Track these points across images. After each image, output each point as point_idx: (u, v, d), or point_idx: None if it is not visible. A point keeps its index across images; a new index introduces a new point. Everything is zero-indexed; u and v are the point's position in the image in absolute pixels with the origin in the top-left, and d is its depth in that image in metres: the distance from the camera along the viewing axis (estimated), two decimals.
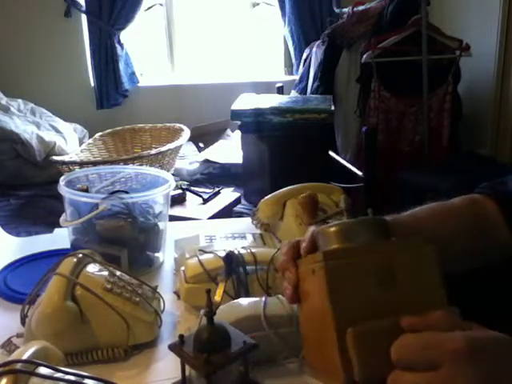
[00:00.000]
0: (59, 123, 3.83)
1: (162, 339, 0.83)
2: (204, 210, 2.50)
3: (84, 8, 4.19)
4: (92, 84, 4.37)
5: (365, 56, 2.85)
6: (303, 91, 3.56)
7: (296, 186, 1.20)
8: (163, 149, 3.22)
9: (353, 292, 0.53)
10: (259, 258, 0.91)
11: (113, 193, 1.07)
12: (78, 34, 4.30)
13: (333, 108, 2.86)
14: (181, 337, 0.63)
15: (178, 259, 1.01)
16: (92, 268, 0.83)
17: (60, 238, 1.11)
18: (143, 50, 4.59)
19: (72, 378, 0.55)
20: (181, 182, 2.82)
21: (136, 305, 0.80)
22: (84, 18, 4.25)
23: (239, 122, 2.91)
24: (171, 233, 1.13)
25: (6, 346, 0.79)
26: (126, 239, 1.02)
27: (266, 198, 1.19)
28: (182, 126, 3.69)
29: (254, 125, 2.83)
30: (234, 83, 4.29)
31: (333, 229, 0.58)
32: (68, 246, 1.05)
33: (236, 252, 0.91)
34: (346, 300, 0.52)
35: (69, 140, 3.73)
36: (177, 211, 2.39)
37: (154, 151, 3.19)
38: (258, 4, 4.59)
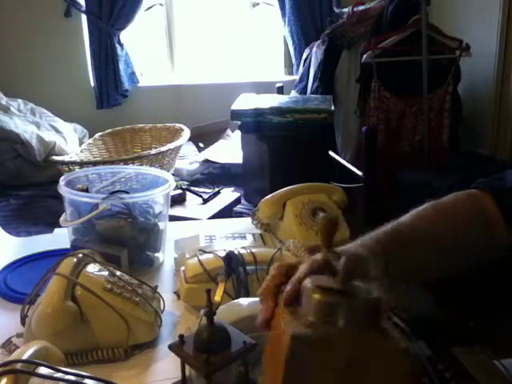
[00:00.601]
0: (59, 123, 3.83)
1: (161, 339, 0.83)
2: (204, 210, 2.50)
3: (84, 8, 4.19)
4: (92, 84, 4.37)
5: (365, 56, 2.85)
6: (303, 91, 3.56)
7: (296, 185, 1.20)
8: (163, 149, 3.22)
9: (309, 380, 0.51)
10: (259, 258, 0.91)
11: (113, 193, 1.07)
12: (78, 34, 4.30)
13: (333, 108, 2.86)
14: (181, 337, 0.63)
15: (177, 259, 1.01)
16: (92, 268, 0.83)
17: (60, 237, 1.11)
18: (143, 50, 4.59)
19: (72, 378, 0.55)
20: (181, 182, 2.82)
21: (136, 305, 0.80)
22: (84, 17, 4.24)
23: (239, 122, 2.90)
24: (171, 233, 1.13)
25: (6, 346, 0.79)
26: (126, 239, 1.02)
27: (266, 198, 1.19)
28: (182, 125, 3.69)
29: (254, 125, 2.83)
30: (234, 83, 4.29)
31: (317, 296, 0.53)
32: (68, 245, 1.05)
33: (236, 252, 0.91)
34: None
35: (69, 140, 3.72)
36: (177, 211, 2.39)
37: (153, 151, 3.19)
38: (257, 4, 4.58)
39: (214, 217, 2.41)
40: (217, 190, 2.73)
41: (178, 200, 2.50)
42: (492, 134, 3.25)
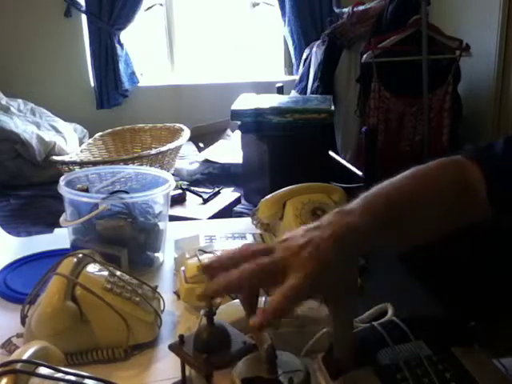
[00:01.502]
0: (59, 123, 3.83)
1: (162, 339, 0.83)
2: (204, 210, 2.50)
3: (84, 8, 4.19)
4: (92, 84, 4.37)
5: (365, 56, 2.86)
6: (303, 91, 3.56)
7: (296, 185, 1.20)
8: (163, 149, 3.22)
9: None
10: None
11: (113, 193, 1.07)
12: (78, 33, 4.30)
13: (333, 108, 2.86)
14: (181, 337, 0.63)
15: (177, 259, 1.01)
16: (92, 268, 0.83)
17: (60, 237, 1.11)
18: (143, 50, 4.59)
19: (72, 378, 0.55)
20: (181, 182, 2.82)
21: (136, 305, 0.80)
22: (84, 17, 4.25)
23: (239, 122, 2.91)
24: (171, 233, 1.13)
25: (6, 346, 0.79)
26: (126, 239, 1.02)
27: (266, 198, 1.19)
28: (182, 126, 3.69)
29: (254, 125, 2.83)
30: (234, 83, 4.29)
31: None
32: (68, 246, 1.05)
33: None
34: None
35: (69, 140, 3.73)
36: (177, 211, 2.39)
37: (153, 151, 3.19)
38: (257, 4, 4.59)
39: (214, 217, 2.41)
40: (217, 189, 2.73)
41: (178, 200, 2.50)
42: (492, 134, 3.25)
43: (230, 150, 3.75)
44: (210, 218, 2.36)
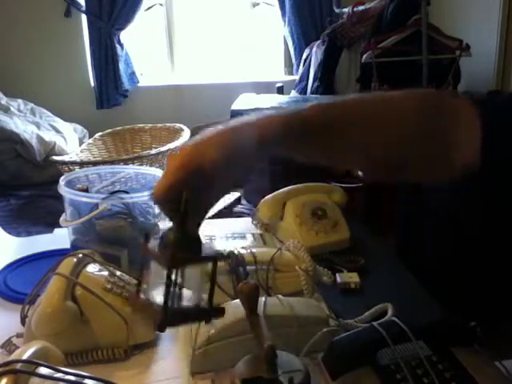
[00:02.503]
0: (59, 123, 3.83)
1: (162, 339, 0.83)
2: None
3: (84, 8, 4.19)
4: (92, 84, 4.37)
5: (365, 56, 2.85)
6: (303, 91, 3.56)
7: (296, 185, 1.21)
8: (163, 149, 3.21)
9: None
10: (259, 258, 0.91)
11: (113, 193, 1.07)
12: (78, 34, 4.30)
13: None
14: (146, 235, 0.61)
15: None
16: (92, 268, 0.83)
17: (60, 237, 1.11)
18: (143, 50, 4.59)
19: (72, 378, 0.55)
20: None
21: None
22: (84, 17, 4.24)
23: None
24: None
25: (6, 346, 0.79)
26: (126, 239, 1.02)
27: (266, 198, 1.19)
28: (182, 126, 3.69)
29: None
30: (234, 83, 4.29)
31: None
32: (68, 246, 1.04)
33: (236, 252, 0.91)
34: None
35: (69, 140, 3.73)
36: None
37: (153, 151, 3.18)
38: (257, 4, 4.58)
39: (214, 217, 2.41)
40: None
41: None
42: None
43: None
44: (209, 218, 2.36)
